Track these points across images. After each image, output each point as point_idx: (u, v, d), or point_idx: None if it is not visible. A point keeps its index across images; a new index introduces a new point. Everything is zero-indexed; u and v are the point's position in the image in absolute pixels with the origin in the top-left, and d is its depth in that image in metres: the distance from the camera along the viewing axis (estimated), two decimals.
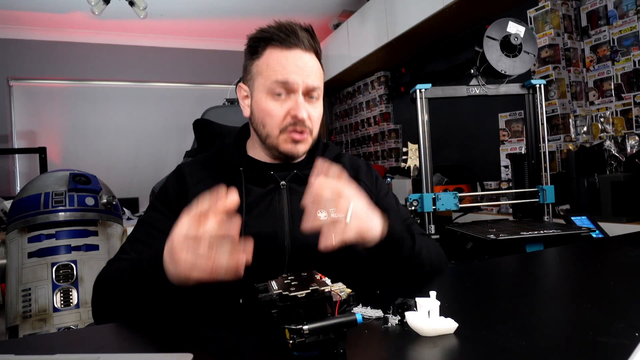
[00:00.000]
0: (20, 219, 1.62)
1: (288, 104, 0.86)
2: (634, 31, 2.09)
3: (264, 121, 0.89)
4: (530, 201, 1.64)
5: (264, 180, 0.92)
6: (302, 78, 0.85)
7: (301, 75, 0.85)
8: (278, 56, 0.86)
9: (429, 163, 1.54)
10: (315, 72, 0.88)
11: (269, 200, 0.89)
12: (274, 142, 0.89)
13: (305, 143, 0.89)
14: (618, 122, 2.13)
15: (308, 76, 0.86)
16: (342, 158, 1.03)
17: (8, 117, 4.39)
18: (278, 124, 0.87)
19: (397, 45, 3.46)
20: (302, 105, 0.85)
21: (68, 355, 0.52)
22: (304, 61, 0.86)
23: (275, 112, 0.86)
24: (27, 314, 1.53)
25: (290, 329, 0.46)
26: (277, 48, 0.86)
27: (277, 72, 0.85)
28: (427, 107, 1.55)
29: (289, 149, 0.88)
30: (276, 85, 0.85)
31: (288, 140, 0.88)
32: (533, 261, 1.03)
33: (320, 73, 0.90)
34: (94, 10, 3.31)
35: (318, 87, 0.88)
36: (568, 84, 2.32)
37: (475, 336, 0.53)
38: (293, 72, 0.85)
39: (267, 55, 0.87)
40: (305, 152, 0.92)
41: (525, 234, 1.29)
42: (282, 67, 0.85)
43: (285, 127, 0.87)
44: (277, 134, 0.88)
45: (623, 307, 0.61)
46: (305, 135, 0.88)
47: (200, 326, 0.63)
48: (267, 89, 0.86)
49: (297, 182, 0.92)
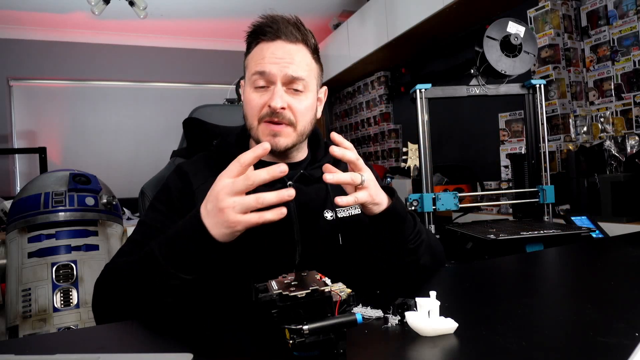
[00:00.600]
0: (20, 219, 1.62)
1: (267, 95, 0.85)
2: (634, 31, 2.09)
3: (246, 112, 0.89)
4: (530, 201, 1.63)
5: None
6: (280, 68, 0.84)
7: (279, 65, 0.84)
8: (259, 49, 0.87)
9: (429, 163, 1.54)
10: (298, 62, 0.86)
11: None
12: (255, 134, 0.88)
13: (285, 136, 0.87)
14: (618, 122, 2.13)
15: (287, 66, 0.84)
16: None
17: (8, 117, 4.39)
18: (256, 114, 0.86)
19: (397, 45, 3.46)
20: (277, 95, 0.84)
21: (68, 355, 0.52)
22: (285, 51, 0.85)
23: (254, 102, 0.86)
24: (27, 314, 1.53)
25: (290, 329, 0.46)
26: (263, 41, 0.87)
27: (257, 63, 0.85)
28: (427, 107, 1.55)
29: (266, 141, 0.85)
30: (256, 76, 0.85)
31: (266, 132, 0.86)
32: (533, 261, 1.03)
33: (307, 64, 0.87)
34: (94, 10, 3.31)
35: (300, 77, 0.85)
36: (568, 84, 2.32)
37: (475, 336, 0.53)
38: (271, 62, 0.84)
39: (254, 50, 0.88)
40: (287, 147, 0.88)
41: (525, 234, 1.29)
42: (261, 57, 0.85)
43: (262, 117, 0.86)
44: (256, 125, 0.87)
45: (623, 307, 0.61)
46: (283, 127, 0.86)
47: (200, 326, 0.63)
48: (250, 82, 0.87)
49: (303, 181, 0.92)
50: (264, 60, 0.85)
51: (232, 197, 0.67)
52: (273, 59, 0.84)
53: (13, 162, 4.40)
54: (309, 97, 0.88)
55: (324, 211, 0.91)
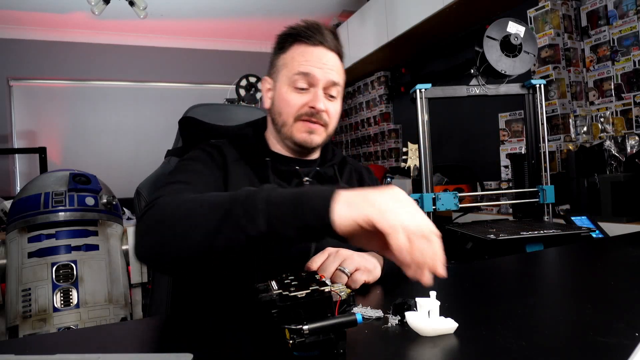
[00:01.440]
0: (20, 219, 1.61)
1: (307, 97, 0.90)
2: (634, 31, 2.09)
3: (281, 110, 0.92)
4: (530, 201, 1.63)
5: (288, 175, 0.94)
6: (324, 73, 0.89)
7: (323, 70, 0.89)
8: (303, 51, 0.90)
9: (429, 163, 1.54)
10: (336, 70, 0.92)
11: None
12: (288, 130, 0.91)
13: (319, 135, 0.92)
14: (618, 122, 2.13)
15: (330, 72, 0.90)
16: (347, 160, 1.07)
17: (8, 117, 4.39)
18: (294, 112, 0.90)
19: (397, 45, 3.46)
20: (321, 98, 0.89)
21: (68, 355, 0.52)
22: (327, 58, 0.90)
23: (293, 101, 0.90)
24: (27, 314, 1.53)
25: (290, 329, 0.46)
26: (303, 44, 0.90)
27: (300, 64, 0.89)
28: (427, 107, 1.55)
29: (303, 138, 0.91)
30: (299, 76, 0.89)
31: (302, 129, 0.91)
32: (533, 261, 1.03)
33: (341, 73, 0.94)
34: (94, 10, 3.31)
35: (338, 84, 0.92)
36: (568, 84, 2.32)
37: (475, 336, 0.53)
38: (316, 66, 0.89)
39: (293, 50, 0.91)
40: (318, 145, 0.94)
41: (525, 234, 1.29)
42: (306, 60, 0.89)
43: (300, 115, 0.90)
44: (292, 122, 0.91)
45: (623, 307, 0.61)
46: (319, 127, 0.91)
47: (200, 326, 0.63)
48: (289, 80, 0.90)
49: (318, 179, 0.96)
50: (309, 63, 0.89)
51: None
52: (318, 63, 0.89)
53: (13, 162, 4.40)
54: (339, 103, 0.95)
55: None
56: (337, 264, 0.72)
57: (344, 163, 1.05)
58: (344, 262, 0.73)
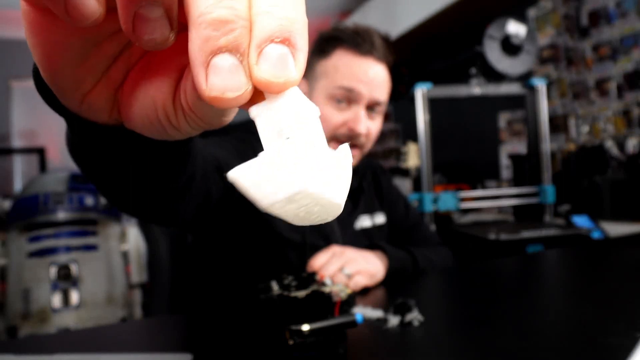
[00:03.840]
0: (20, 219, 1.62)
1: (348, 114, 0.80)
2: (635, 31, 2.08)
3: None
4: (531, 201, 1.63)
5: None
6: (370, 90, 0.79)
7: (369, 86, 0.79)
8: (349, 61, 0.80)
9: (429, 163, 1.54)
10: (384, 85, 0.82)
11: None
12: None
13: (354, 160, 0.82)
14: (619, 122, 2.13)
15: (376, 89, 0.80)
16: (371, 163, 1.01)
17: (8, 117, 4.40)
18: (331, 131, 0.80)
19: (397, 45, 3.46)
20: (362, 119, 0.79)
21: (68, 355, 0.52)
22: (375, 71, 0.80)
23: (332, 119, 0.80)
24: (27, 314, 1.53)
25: (290, 329, 0.46)
26: (349, 52, 0.80)
27: (344, 77, 0.79)
28: (427, 107, 1.55)
29: None
30: (340, 90, 0.79)
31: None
32: (533, 262, 1.03)
33: (387, 87, 0.84)
34: None
35: (383, 102, 0.83)
36: (569, 83, 2.32)
37: (475, 336, 0.53)
38: (361, 81, 0.79)
39: (337, 57, 0.81)
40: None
41: (526, 234, 1.29)
42: (351, 73, 0.79)
43: (337, 137, 0.80)
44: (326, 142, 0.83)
45: (623, 307, 0.61)
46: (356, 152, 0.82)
47: (200, 326, 0.63)
48: (328, 93, 0.80)
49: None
50: (354, 77, 0.79)
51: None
52: (365, 77, 0.79)
53: (13, 162, 4.40)
54: (380, 121, 0.86)
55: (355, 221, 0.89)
56: (339, 264, 0.71)
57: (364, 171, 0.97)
58: (347, 264, 0.71)
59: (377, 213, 0.92)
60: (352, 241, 0.86)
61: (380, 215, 0.92)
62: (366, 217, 0.90)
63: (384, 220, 0.92)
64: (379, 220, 0.92)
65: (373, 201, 0.93)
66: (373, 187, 0.97)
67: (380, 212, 0.93)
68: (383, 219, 0.92)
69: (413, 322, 0.56)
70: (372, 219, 0.90)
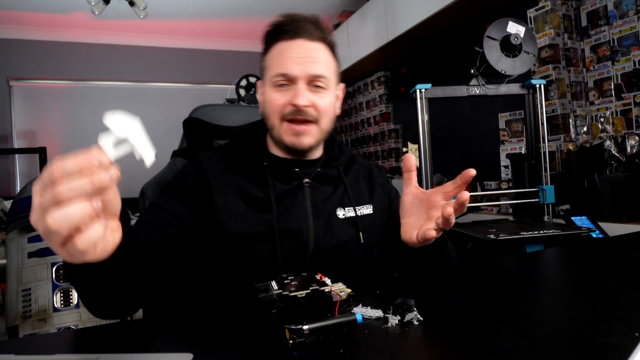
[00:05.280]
0: (20, 219, 1.61)
1: (289, 93, 0.85)
2: (634, 31, 2.09)
3: (268, 112, 0.89)
4: (530, 201, 1.63)
5: (288, 177, 0.90)
6: (303, 67, 0.84)
7: (302, 64, 0.84)
8: (279, 48, 0.87)
9: (428, 163, 1.54)
10: (320, 60, 0.86)
11: (293, 197, 0.88)
12: (277, 133, 0.88)
13: (309, 135, 0.87)
14: (618, 122, 2.13)
15: (310, 65, 0.85)
16: (356, 159, 1.03)
17: (8, 117, 4.39)
18: (279, 112, 0.86)
19: (397, 45, 3.46)
20: (301, 93, 0.84)
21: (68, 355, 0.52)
22: (305, 49, 0.86)
23: (276, 101, 0.86)
24: (27, 314, 1.53)
25: (290, 329, 0.46)
26: (280, 41, 0.87)
27: (279, 64, 0.85)
28: (427, 107, 1.55)
29: (291, 141, 0.87)
30: (278, 77, 0.85)
31: (289, 132, 0.86)
32: (533, 261, 1.03)
33: (328, 62, 0.88)
34: (94, 10, 3.31)
35: (323, 75, 0.86)
36: (568, 84, 2.32)
37: (475, 336, 0.53)
38: (294, 62, 0.84)
39: (273, 50, 0.88)
40: (312, 145, 0.89)
41: (525, 234, 1.29)
42: (283, 58, 0.85)
43: (285, 116, 0.85)
44: (278, 124, 0.87)
45: (623, 307, 0.61)
46: (308, 126, 0.86)
47: (200, 326, 0.63)
48: (271, 82, 0.87)
49: (319, 180, 0.92)
50: (286, 61, 0.85)
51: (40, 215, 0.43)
52: (295, 58, 0.84)
53: (13, 162, 4.40)
54: (330, 95, 0.89)
55: (337, 209, 0.91)
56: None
57: (351, 162, 1.00)
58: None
59: (365, 205, 0.95)
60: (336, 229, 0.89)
61: (368, 207, 0.95)
62: (350, 207, 0.92)
63: (371, 211, 0.95)
64: (366, 211, 0.94)
65: (362, 194, 0.96)
66: (366, 182, 1.00)
67: (368, 205, 0.95)
68: (370, 211, 0.95)
69: (412, 322, 0.56)
70: (358, 209, 0.93)
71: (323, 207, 0.89)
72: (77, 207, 0.41)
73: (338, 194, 0.93)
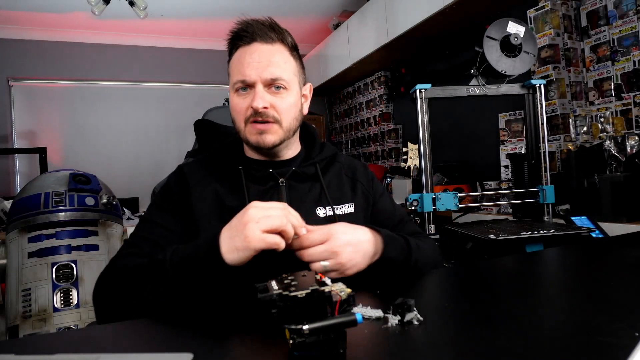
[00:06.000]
0: (20, 219, 1.61)
1: (249, 97, 0.88)
2: (634, 31, 2.09)
3: (233, 117, 0.92)
4: (530, 201, 1.63)
5: (263, 179, 0.93)
6: (258, 71, 0.86)
7: (257, 68, 0.86)
8: (240, 54, 0.89)
9: (428, 163, 1.54)
10: (276, 62, 0.88)
11: (269, 197, 0.91)
12: (244, 135, 0.91)
13: (271, 133, 0.89)
14: (618, 122, 2.13)
15: (265, 68, 0.87)
16: (339, 157, 1.04)
17: (8, 117, 4.39)
18: (242, 116, 0.89)
19: (397, 45, 3.46)
20: (258, 96, 0.86)
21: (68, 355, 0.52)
22: (262, 53, 0.88)
23: (239, 106, 0.89)
24: (27, 314, 1.53)
25: (290, 329, 0.46)
26: (241, 47, 0.89)
27: (237, 71, 0.88)
28: (427, 107, 1.55)
29: (255, 140, 0.89)
30: (238, 83, 0.88)
31: (252, 132, 0.89)
32: (533, 261, 1.03)
33: (285, 63, 0.90)
34: (94, 11, 3.31)
35: (280, 77, 0.88)
36: (568, 84, 2.32)
37: (475, 336, 0.53)
38: (249, 67, 0.87)
39: (234, 56, 0.91)
40: (275, 143, 0.91)
41: (525, 234, 1.29)
42: (240, 64, 0.88)
43: (247, 119, 0.89)
44: (243, 127, 0.90)
45: (623, 307, 0.61)
46: (270, 125, 0.89)
47: (200, 326, 0.63)
48: (233, 88, 0.90)
49: (295, 179, 0.94)
50: (244, 67, 0.87)
51: (260, 213, 0.68)
52: (252, 63, 0.87)
53: (13, 162, 4.40)
54: (291, 95, 0.91)
55: (317, 208, 0.92)
56: (325, 256, 0.73)
57: (332, 161, 1.02)
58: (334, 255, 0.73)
59: (346, 204, 0.96)
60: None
61: (349, 206, 0.97)
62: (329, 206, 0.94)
63: (352, 210, 0.96)
64: (347, 210, 0.96)
65: (343, 192, 0.98)
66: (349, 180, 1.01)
67: (350, 204, 0.97)
68: (351, 210, 0.96)
69: (412, 322, 0.56)
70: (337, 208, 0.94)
71: (301, 205, 0.90)
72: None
73: (315, 192, 0.95)
